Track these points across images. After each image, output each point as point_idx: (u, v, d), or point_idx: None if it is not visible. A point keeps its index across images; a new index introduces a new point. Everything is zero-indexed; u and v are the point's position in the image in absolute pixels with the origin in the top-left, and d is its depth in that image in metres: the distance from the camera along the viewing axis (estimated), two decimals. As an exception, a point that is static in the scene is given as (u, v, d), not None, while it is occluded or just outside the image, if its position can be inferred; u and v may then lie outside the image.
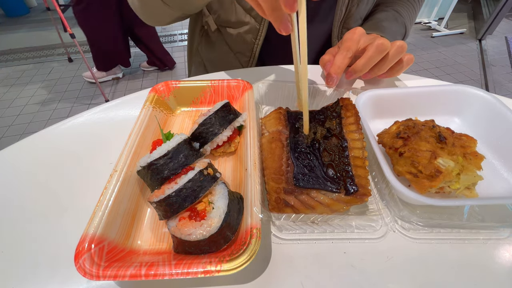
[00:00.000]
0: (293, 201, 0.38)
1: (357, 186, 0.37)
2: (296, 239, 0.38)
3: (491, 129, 0.48)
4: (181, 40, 3.30)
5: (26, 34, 3.48)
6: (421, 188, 0.38)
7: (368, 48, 0.54)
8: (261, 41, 0.72)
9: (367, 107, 0.50)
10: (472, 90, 0.51)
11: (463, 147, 0.40)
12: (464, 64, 2.75)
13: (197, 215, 0.35)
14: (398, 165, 0.41)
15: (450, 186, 0.38)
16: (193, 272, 0.29)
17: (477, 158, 0.39)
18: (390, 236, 0.38)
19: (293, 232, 0.38)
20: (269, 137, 0.45)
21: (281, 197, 0.38)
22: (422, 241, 0.37)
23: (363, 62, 0.54)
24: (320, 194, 0.38)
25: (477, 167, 0.38)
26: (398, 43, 0.54)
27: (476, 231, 0.38)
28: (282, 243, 0.37)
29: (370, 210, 0.40)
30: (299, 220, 0.37)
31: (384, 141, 0.44)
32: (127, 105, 0.60)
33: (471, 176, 0.38)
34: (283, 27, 0.39)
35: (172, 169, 0.38)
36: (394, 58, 0.55)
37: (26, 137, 0.53)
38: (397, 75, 0.61)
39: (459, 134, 0.42)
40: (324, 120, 0.47)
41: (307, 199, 0.38)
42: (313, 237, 0.38)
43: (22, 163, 0.49)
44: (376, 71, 0.57)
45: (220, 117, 0.46)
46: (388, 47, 0.52)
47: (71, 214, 0.41)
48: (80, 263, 0.30)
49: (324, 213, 0.37)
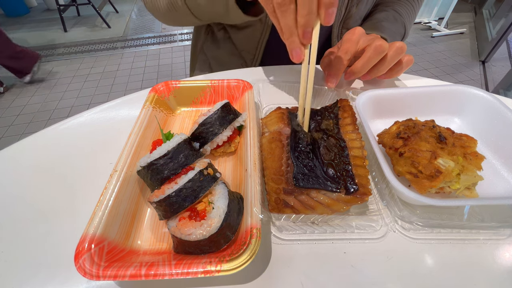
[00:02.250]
0: (293, 201, 0.37)
1: (358, 185, 0.37)
2: (296, 239, 0.38)
3: (491, 129, 0.48)
4: (181, 40, 3.30)
5: (26, 34, 3.48)
6: (421, 188, 0.38)
7: (366, 49, 0.54)
8: (265, 40, 0.73)
9: (367, 107, 0.50)
10: (472, 90, 0.51)
11: (463, 147, 0.40)
12: (464, 64, 2.75)
13: (197, 215, 0.35)
14: (398, 165, 0.41)
15: (450, 186, 0.38)
16: (193, 272, 0.29)
17: (477, 158, 0.39)
18: (390, 236, 0.38)
19: (293, 233, 0.38)
20: (269, 137, 0.45)
21: (280, 197, 0.38)
22: (422, 241, 0.37)
23: (362, 63, 0.54)
24: (320, 194, 0.38)
25: (478, 167, 0.38)
26: (397, 44, 0.54)
27: (476, 231, 0.38)
28: (282, 243, 0.37)
29: (370, 210, 0.40)
30: (299, 221, 0.37)
31: (384, 141, 0.44)
32: (127, 105, 0.60)
33: (471, 176, 0.38)
34: (295, 54, 0.41)
35: (172, 169, 0.38)
36: (393, 59, 0.55)
37: (26, 137, 0.53)
38: (396, 76, 0.61)
39: (459, 134, 0.42)
40: (321, 121, 0.48)
41: (307, 200, 0.38)
42: (313, 238, 0.38)
43: (22, 163, 0.49)
44: (375, 72, 0.57)
45: (220, 117, 0.46)
46: (386, 48, 0.53)
47: (71, 214, 0.41)
48: (80, 263, 0.30)
49: (324, 214, 0.37)
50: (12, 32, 3.53)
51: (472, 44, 3.11)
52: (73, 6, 3.64)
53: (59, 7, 3.29)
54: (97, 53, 3.07)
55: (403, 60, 0.57)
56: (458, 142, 0.41)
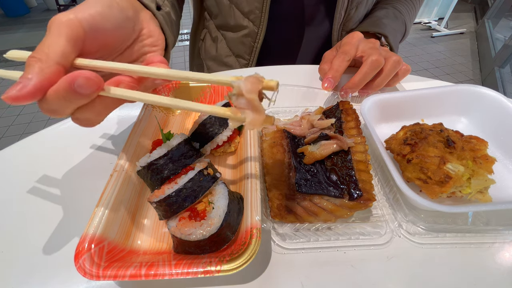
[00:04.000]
0: (295, 208, 0.37)
1: (361, 191, 0.36)
2: (300, 248, 0.37)
3: (500, 128, 0.47)
4: (181, 40, 3.30)
5: (26, 34, 3.48)
6: (432, 194, 0.37)
7: (363, 64, 0.54)
8: (259, 44, 0.72)
9: (372, 112, 0.49)
10: (479, 89, 0.50)
11: (472, 151, 0.39)
12: (464, 64, 2.75)
13: (197, 215, 0.35)
14: (407, 171, 0.40)
15: (462, 191, 0.37)
16: (193, 272, 0.29)
17: (487, 162, 0.38)
18: (395, 242, 0.37)
19: (297, 241, 0.37)
20: (270, 142, 0.45)
21: (283, 204, 0.37)
22: (428, 246, 0.37)
23: (359, 78, 0.54)
24: (323, 200, 0.37)
25: (488, 171, 0.37)
26: (394, 58, 0.55)
27: (482, 235, 0.37)
28: (286, 253, 0.36)
29: (374, 216, 0.39)
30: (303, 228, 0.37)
31: (392, 147, 0.44)
32: (127, 105, 0.59)
33: (482, 180, 0.37)
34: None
35: (172, 169, 0.38)
36: (390, 73, 0.55)
37: (26, 137, 0.53)
38: (392, 86, 0.61)
39: (468, 137, 0.42)
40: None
41: (310, 206, 0.37)
42: (317, 246, 0.37)
43: (22, 163, 0.49)
44: (372, 87, 0.57)
45: (220, 117, 0.46)
46: (382, 63, 0.53)
47: (71, 214, 0.41)
48: (80, 263, 0.30)
49: (328, 220, 0.36)
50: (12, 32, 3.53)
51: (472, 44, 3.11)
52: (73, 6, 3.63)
53: (59, 7, 3.29)
54: (97, 53, 3.06)
55: (399, 72, 0.57)
56: (468, 145, 0.40)
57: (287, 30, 0.75)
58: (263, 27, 0.69)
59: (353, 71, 0.57)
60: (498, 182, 0.39)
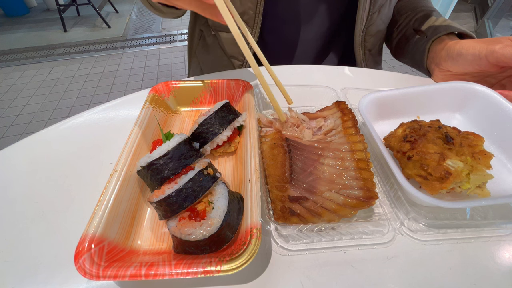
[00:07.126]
0: (299, 209, 0.37)
1: (364, 189, 0.37)
2: (304, 249, 0.37)
3: (494, 124, 0.48)
4: (181, 40, 3.30)
5: (26, 34, 3.48)
6: (432, 190, 0.37)
7: None
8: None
9: (370, 109, 0.50)
10: (472, 86, 0.51)
11: (471, 146, 0.40)
12: (464, 64, 2.75)
13: (197, 215, 0.35)
14: (407, 168, 0.40)
15: (461, 187, 0.38)
16: (193, 272, 0.29)
17: (485, 157, 0.39)
18: (398, 240, 0.37)
19: (300, 242, 0.37)
20: (270, 143, 0.45)
21: (286, 205, 0.37)
22: (431, 243, 0.37)
23: None
24: (326, 200, 0.37)
25: (487, 166, 0.38)
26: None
27: (481, 229, 0.38)
28: (290, 254, 0.36)
29: (376, 214, 0.39)
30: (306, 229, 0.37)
31: (391, 144, 0.44)
32: (127, 105, 0.60)
33: (481, 175, 0.37)
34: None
35: (172, 169, 0.38)
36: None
37: (26, 137, 0.53)
38: None
39: (465, 133, 0.42)
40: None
41: (313, 206, 0.37)
42: (321, 246, 0.37)
43: (22, 163, 0.49)
44: None
45: (220, 117, 0.46)
46: None
47: (71, 214, 0.41)
48: (80, 263, 0.30)
49: (332, 220, 0.36)
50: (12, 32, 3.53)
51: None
52: (73, 6, 3.63)
53: (59, 7, 3.29)
54: (97, 53, 3.06)
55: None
56: (466, 141, 0.40)
57: (283, 30, 0.74)
58: (257, 28, 0.68)
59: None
60: (496, 176, 0.39)
